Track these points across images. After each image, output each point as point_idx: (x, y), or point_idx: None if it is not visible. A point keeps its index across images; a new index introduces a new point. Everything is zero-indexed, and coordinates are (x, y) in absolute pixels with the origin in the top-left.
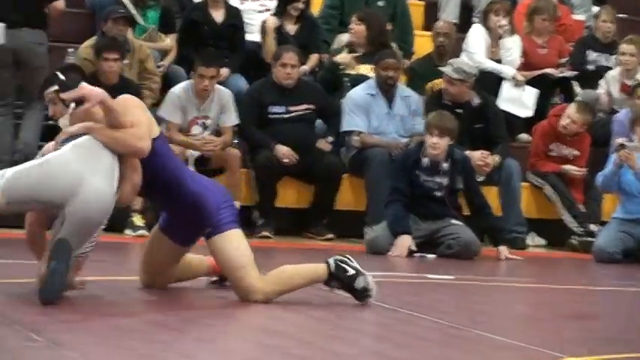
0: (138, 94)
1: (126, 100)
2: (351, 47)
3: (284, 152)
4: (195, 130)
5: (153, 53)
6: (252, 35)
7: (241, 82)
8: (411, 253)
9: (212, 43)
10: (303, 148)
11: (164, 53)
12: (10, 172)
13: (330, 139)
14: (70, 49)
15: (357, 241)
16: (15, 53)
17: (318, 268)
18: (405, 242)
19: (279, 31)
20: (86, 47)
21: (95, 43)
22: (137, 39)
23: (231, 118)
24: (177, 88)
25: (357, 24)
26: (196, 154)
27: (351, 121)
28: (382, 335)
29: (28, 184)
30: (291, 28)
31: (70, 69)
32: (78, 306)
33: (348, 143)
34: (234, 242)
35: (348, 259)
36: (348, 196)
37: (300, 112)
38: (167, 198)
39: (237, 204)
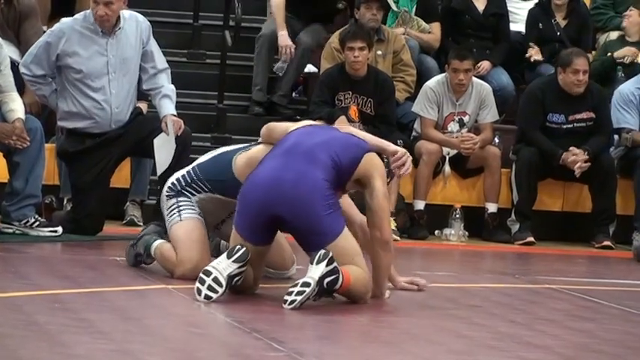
0: (387, 86)
1: None
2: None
3: (572, 160)
4: (452, 127)
5: (410, 42)
6: (517, 25)
7: (504, 77)
8: None
9: (473, 33)
10: None
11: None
12: None
13: None
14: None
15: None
16: None
17: None
18: None
19: (548, 21)
20: (336, 36)
21: (341, 31)
22: (390, 28)
23: (491, 114)
24: (432, 82)
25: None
26: (453, 152)
27: (621, 118)
28: None
29: None
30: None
31: None
32: (320, 315)
33: (617, 142)
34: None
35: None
36: (618, 199)
37: (580, 124)
38: None
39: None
